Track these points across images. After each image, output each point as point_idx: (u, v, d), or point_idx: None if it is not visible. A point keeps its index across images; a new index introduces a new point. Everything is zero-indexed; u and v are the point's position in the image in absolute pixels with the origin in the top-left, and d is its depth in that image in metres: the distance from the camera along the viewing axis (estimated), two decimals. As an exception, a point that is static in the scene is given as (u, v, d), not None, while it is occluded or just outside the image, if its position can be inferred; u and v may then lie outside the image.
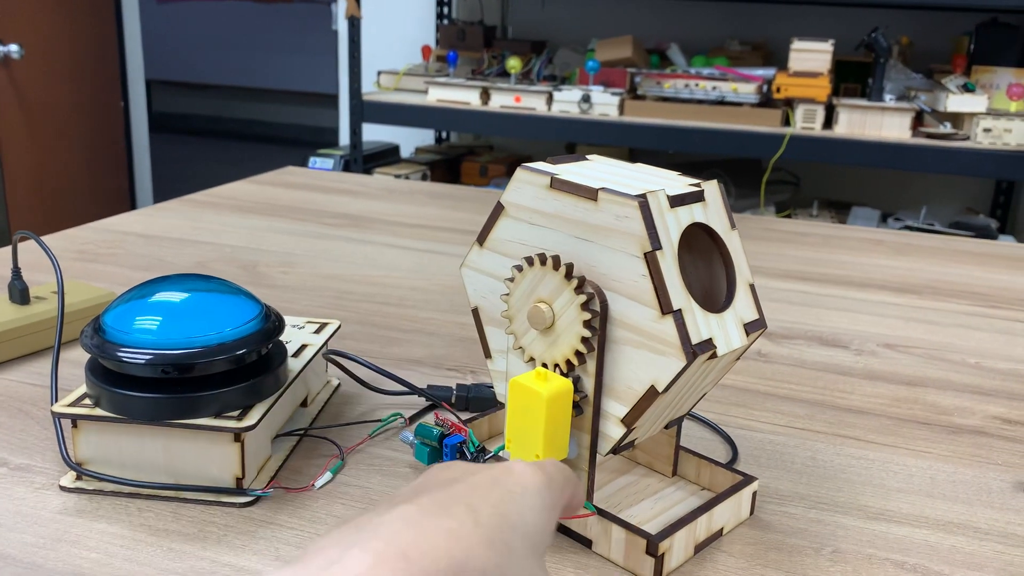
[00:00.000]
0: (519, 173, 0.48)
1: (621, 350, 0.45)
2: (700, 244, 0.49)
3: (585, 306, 0.44)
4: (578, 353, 0.45)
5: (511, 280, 0.48)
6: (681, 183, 0.47)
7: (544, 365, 0.47)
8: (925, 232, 2.07)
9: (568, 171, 0.48)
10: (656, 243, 0.43)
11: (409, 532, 0.27)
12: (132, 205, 3.28)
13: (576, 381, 0.46)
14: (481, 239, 0.50)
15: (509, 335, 0.49)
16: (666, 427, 0.51)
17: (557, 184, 0.46)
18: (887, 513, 0.52)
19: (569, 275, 0.45)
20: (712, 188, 0.47)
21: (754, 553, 0.48)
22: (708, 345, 0.44)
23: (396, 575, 0.25)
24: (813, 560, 0.47)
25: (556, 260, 0.45)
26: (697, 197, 0.46)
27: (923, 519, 0.52)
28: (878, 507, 0.53)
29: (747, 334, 0.46)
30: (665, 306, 0.43)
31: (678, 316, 0.43)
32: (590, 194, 0.44)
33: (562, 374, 0.46)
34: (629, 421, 0.45)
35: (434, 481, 0.31)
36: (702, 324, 0.44)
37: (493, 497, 0.30)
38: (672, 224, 0.44)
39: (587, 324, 0.45)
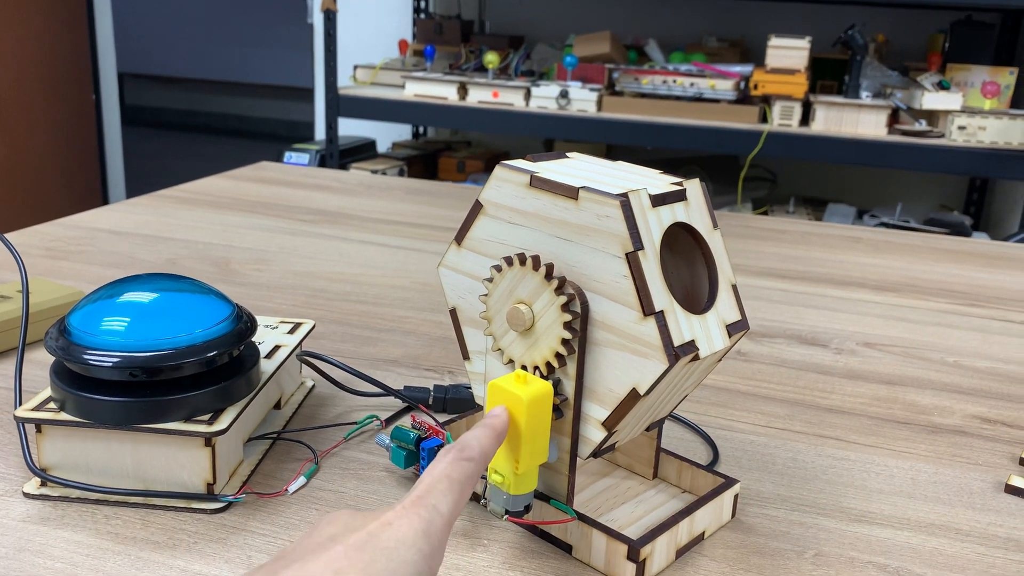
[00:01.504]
0: (498, 171, 0.47)
1: (602, 352, 0.44)
2: (682, 244, 0.48)
3: (565, 307, 0.44)
4: (558, 355, 0.45)
5: (490, 280, 0.46)
6: (663, 182, 0.46)
7: (524, 367, 0.46)
8: (901, 229, 2.08)
9: (548, 169, 0.47)
10: (638, 243, 0.42)
11: None
12: (104, 200, 3.24)
13: (556, 384, 0.45)
14: (459, 238, 0.49)
15: (488, 336, 0.48)
16: (647, 429, 0.50)
17: (537, 183, 0.45)
18: (869, 515, 0.52)
19: (549, 275, 0.44)
20: (694, 187, 0.46)
21: (736, 557, 0.47)
22: (690, 347, 0.43)
23: None
24: (796, 564, 0.47)
25: (536, 260, 0.44)
26: (679, 196, 0.45)
27: (905, 521, 0.51)
28: (860, 509, 0.52)
29: (729, 335, 0.46)
30: (647, 307, 0.42)
31: (660, 318, 0.42)
32: (570, 193, 0.44)
33: (542, 376, 0.46)
34: (610, 424, 0.45)
35: (311, 544, 0.33)
36: (684, 326, 0.43)
37: (364, 559, 0.32)
38: (654, 224, 0.43)
39: (567, 325, 0.44)
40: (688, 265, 0.48)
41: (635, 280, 0.42)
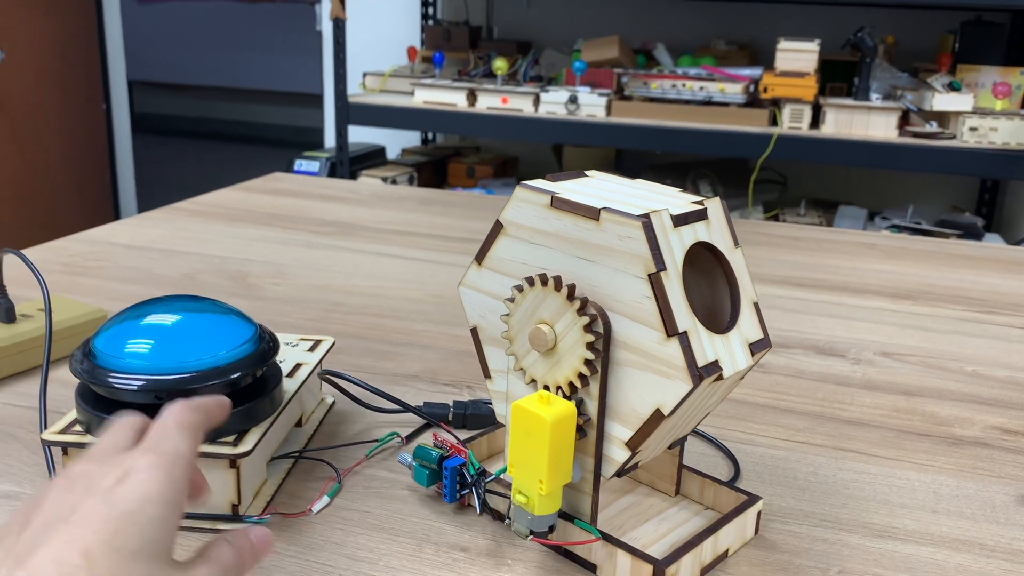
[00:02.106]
0: (519, 192, 0.47)
1: (625, 372, 0.44)
2: (703, 262, 0.48)
3: (588, 328, 0.44)
4: (581, 375, 0.45)
5: (511, 300, 0.47)
6: (683, 201, 0.46)
7: (546, 387, 0.47)
8: (912, 231, 2.08)
9: (568, 189, 0.47)
10: (660, 264, 0.42)
11: None
12: (115, 206, 3.25)
13: (579, 404, 0.46)
14: (479, 258, 0.49)
15: (510, 356, 0.48)
16: (669, 447, 0.50)
17: (558, 203, 0.45)
18: (892, 530, 0.52)
19: (571, 296, 0.44)
20: (715, 206, 0.46)
21: (761, 575, 0.47)
22: (714, 367, 0.43)
23: None
24: (820, 581, 0.47)
25: (558, 281, 0.44)
26: (700, 216, 0.45)
27: (928, 536, 0.51)
28: (883, 524, 0.52)
29: (752, 354, 0.46)
30: (670, 328, 0.42)
31: (683, 339, 0.42)
32: (592, 213, 0.44)
33: (564, 396, 0.46)
34: (634, 444, 0.45)
35: (51, 518, 0.32)
36: (707, 346, 0.43)
37: (109, 530, 0.31)
38: (676, 244, 0.43)
39: (590, 346, 0.44)
40: (709, 283, 0.48)
41: (658, 301, 0.42)
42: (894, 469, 0.59)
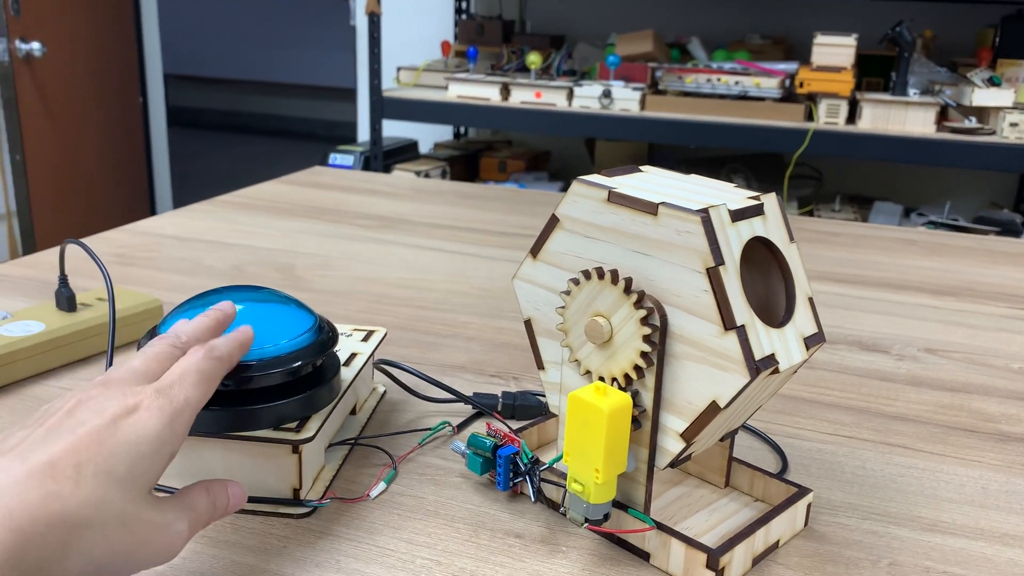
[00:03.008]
0: (576, 187, 0.48)
1: (681, 365, 0.45)
2: (758, 257, 0.48)
3: (644, 320, 0.44)
4: (636, 367, 0.46)
5: (567, 293, 0.48)
6: (739, 196, 0.47)
7: (601, 378, 0.48)
8: (950, 228, 2.06)
9: (625, 184, 0.48)
10: (719, 258, 0.43)
11: (13, 490, 0.33)
12: (151, 200, 3.30)
13: (634, 395, 0.46)
14: (535, 251, 0.50)
15: (564, 347, 0.49)
16: (720, 440, 0.51)
17: (615, 198, 0.46)
18: (941, 524, 0.52)
19: (628, 290, 0.45)
20: (771, 201, 0.47)
21: (812, 566, 0.48)
22: (771, 361, 0.44)
23: None
24: (871, 573, 0.47)
25: (615, 274, 0.45)
26: (757, 211, 0.46)
27: (978, 531, 0.52)
28: (932, 518, 0.53)
29: (807, 348, 0.46)
30: (728, 322, 0.43)
31: (741, 332, 0.43)
32: (650, 208, 0.44)
33: (619, 388, 0.47)
34: (689, 436, 0.46)
35: (60, 426, 0.36)
36: (764, 339, 0.44)
37: (104, 452, 0.36)
38: (734, 239, 0.44)
39: (646, 339, 0.45)
40: (764, 278, 0.49)
41: (716, 295, 0.43)
42: (941, 464, 0.59)
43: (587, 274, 0.46)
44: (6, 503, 0.33)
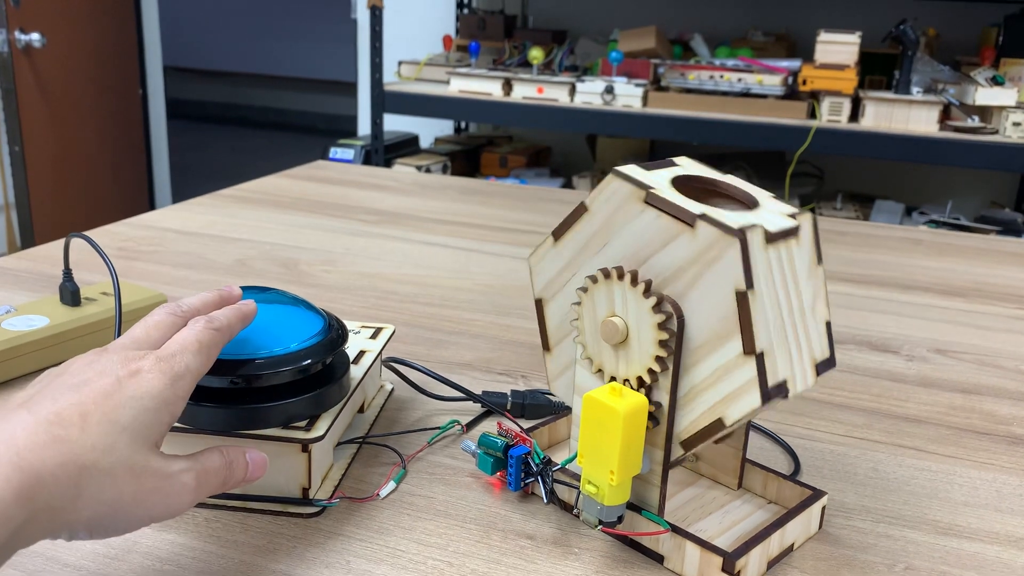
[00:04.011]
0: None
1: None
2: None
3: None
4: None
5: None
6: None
7: (612, 378, 0.47)
8: (951, 227, 2.05)
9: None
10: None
11: (22, 434, 0.34)
12: (150, 193, 3.29)
13: (647, 394, 0.46)
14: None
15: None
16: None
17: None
18: (956, 528, 0.52)
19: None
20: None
21: (827, 570, 0.47)
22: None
23: (6, 468, 0.33)
24: (887, 577, 0.47)
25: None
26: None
27: (994, 535, 0.51)
28: (947, 521, 0.52)
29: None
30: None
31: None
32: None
33: (631, 387, 0.46)
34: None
35: (65, 383, 0.38)
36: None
37: (110, 404, 0.37)
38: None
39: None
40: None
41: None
42: (954, 467, 0.59)
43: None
44: (15, 444, 0.34)
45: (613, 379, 0.47)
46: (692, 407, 0.44)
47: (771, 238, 0.43)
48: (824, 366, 0.46)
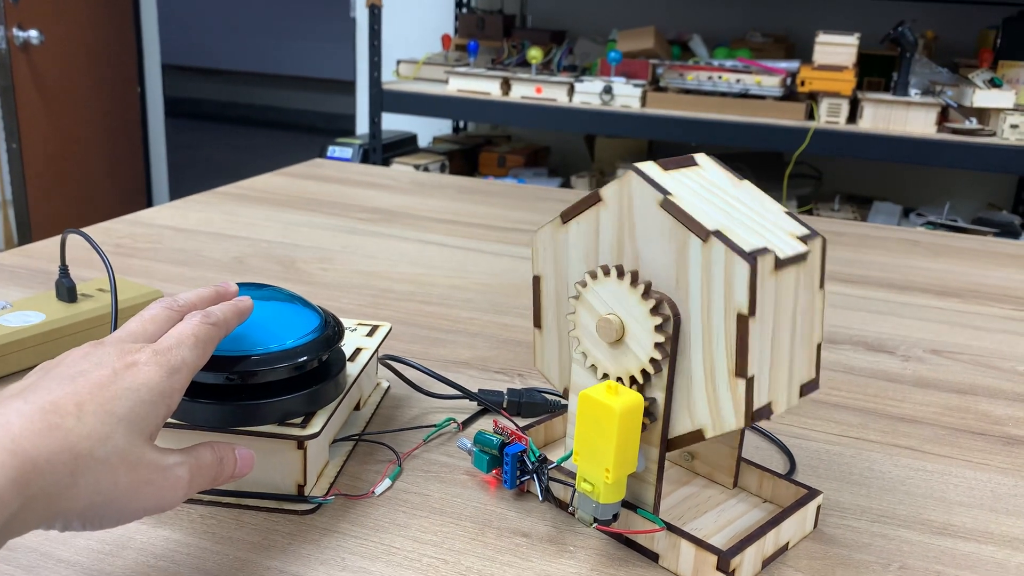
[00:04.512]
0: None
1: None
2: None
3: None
4: (644, 372, 0.45)
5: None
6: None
7: (605, 375, 0.47)
8: (949, 228, 2.06)
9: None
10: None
11: (17, 421, 0.34)
12: (148, 191, 3.28)
13: (642, 392, 0.46)
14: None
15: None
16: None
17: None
18: (951, 528, 0.52)
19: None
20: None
21: (822, 568, 0.47)
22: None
23: (1, 454, 0.33)
24: (881, 576, 0.47)
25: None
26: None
27: (988, 535, 0.51)
28: (941, 522, 0.52)
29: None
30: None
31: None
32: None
33: (625, 385, 0.46)
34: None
35: (62, 374, 0.38)
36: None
37: (106, 395, 0.37)
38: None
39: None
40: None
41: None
42: (950, 467, 0.59)
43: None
44: (10, 432, 0.34)
45: (606, 376, 0.47)
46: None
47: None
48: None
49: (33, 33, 2.53)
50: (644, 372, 0.45)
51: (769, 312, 0.43)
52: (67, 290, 0.69)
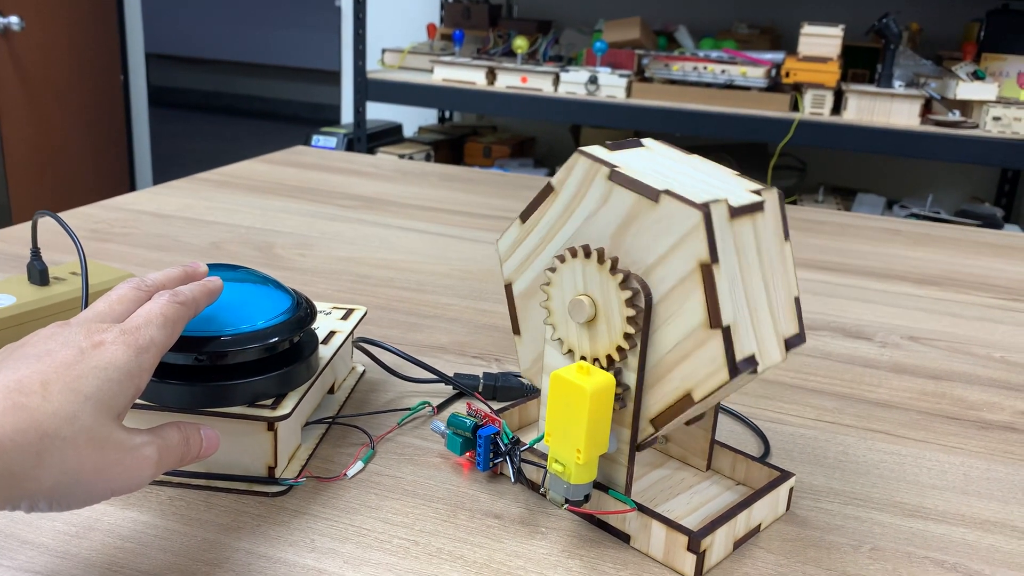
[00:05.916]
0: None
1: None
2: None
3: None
4: (619, 349, 0.45)
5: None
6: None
7: (583, 358, 0.47)
8: (932, 220, 2.07)
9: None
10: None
11: None
12: (131, 180, 3.26)
13: (617, 374, 0.46)
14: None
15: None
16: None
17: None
18: (923, 510, 0.52)
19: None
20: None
21: (792, 550, 0.47)
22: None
23: None
24: (852, 557, 0.47)
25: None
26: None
27: (960, 517, 0.51)
28: (914, 504, 0.52)
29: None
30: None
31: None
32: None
33: (601, 367, 0.46)
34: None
35: (27, 354, 0.37)
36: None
37: (72, 374, 0.36)
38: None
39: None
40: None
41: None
42: (923, 451, 0.59)
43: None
44: None
45: (583, 358, 0.47)
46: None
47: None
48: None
49: (14, 19, 2.50)
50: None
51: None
52: (39, 273, 0.68)
